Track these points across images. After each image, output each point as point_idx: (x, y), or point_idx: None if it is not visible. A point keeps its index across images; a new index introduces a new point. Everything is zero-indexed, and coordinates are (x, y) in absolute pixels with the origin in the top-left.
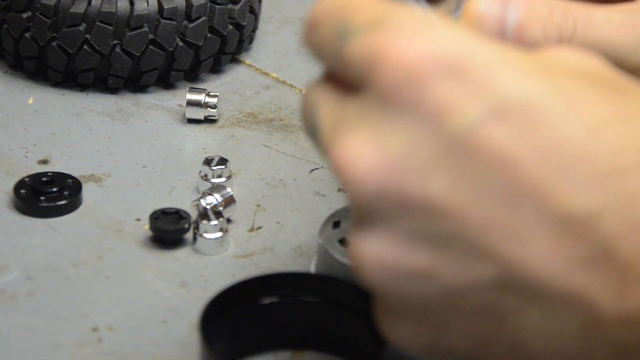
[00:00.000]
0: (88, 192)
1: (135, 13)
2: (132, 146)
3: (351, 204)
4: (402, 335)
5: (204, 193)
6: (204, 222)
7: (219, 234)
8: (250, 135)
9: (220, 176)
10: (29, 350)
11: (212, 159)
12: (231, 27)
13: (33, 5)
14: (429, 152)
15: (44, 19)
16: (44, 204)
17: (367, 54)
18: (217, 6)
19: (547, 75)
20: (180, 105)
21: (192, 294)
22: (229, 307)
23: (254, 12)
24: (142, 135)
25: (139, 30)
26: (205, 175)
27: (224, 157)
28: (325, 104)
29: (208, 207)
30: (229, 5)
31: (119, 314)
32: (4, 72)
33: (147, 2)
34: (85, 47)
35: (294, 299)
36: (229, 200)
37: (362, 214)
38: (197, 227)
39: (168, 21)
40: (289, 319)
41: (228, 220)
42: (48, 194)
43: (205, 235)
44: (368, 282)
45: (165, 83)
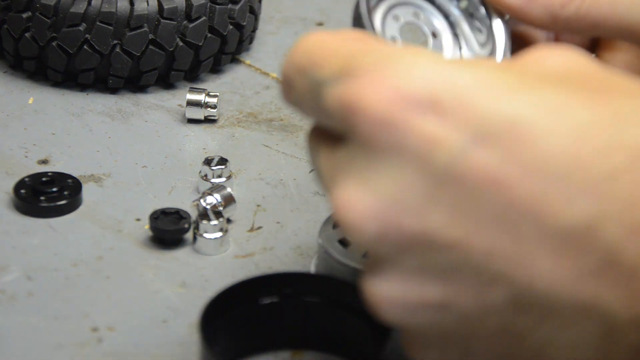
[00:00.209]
0: (88, 192)
1: (135, 13)
2: (132, 146)
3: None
4: None
5: (204, 193)
6: (204, 222)
7: (219, 234)
8: (250, 135)
9: (220, 176)
10: (29, 350)
11: (212, 159)
12: (231, 27)
13: (33, 5)
14: (421, 189)
15: (44, 19)
16: (44, 204)
17: (341, 105)
18: (217, 6)
19: (525, 89)
20: (180, 105)
21: (192, 294)
22: (229, 307)
23: (254, 12)
24: (142, 135)
25: (139, 30)
26: (205, 175)
27: (224, 157)
28: (322, 152)
29: (208, 207)
30: (229, 5)
31: (119, 314)
32: (4, 72)
33: (147, 2)
34: (85, 47)
35: (294, 299)
36: (229, 200)
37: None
38: (197, 227)
39: (168, 21)
40: (289, 319)
41: (228, 220)
42: (48, 194)
43: (205, 235)
44: (387, 322)
45: (165, 83)
